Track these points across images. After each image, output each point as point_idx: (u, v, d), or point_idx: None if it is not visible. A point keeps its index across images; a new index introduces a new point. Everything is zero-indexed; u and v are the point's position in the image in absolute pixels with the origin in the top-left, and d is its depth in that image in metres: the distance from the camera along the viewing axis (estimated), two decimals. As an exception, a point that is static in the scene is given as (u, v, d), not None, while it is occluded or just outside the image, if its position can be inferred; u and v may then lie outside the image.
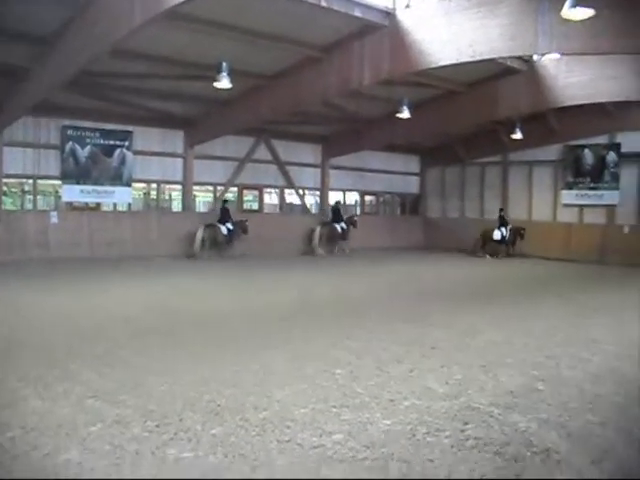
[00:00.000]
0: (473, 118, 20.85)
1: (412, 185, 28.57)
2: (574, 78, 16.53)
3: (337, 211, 23.46)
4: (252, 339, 8.52)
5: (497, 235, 22.96)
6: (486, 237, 23.13)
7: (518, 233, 22.93)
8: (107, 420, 5.17)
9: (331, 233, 22.83)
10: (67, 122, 18.57)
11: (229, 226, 20.33)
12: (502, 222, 23.12)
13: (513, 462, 4.53)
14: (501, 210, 23.75)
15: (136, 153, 19.68)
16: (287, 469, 4.35)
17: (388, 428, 5.17)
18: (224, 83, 14.84)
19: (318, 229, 22.54)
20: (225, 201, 21.19)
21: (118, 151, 19.33)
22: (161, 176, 20.79)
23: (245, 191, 23.72)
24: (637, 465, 4.53)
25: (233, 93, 17.44)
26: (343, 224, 23.16)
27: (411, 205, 28.82)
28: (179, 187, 21.76)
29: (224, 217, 20.46)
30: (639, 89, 15.94)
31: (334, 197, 25.99)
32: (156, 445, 4.69)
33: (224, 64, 14.60)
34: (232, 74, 14.88)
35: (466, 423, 5.32)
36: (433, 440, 4.93)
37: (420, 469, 4.39)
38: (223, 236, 20.16)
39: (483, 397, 6.06)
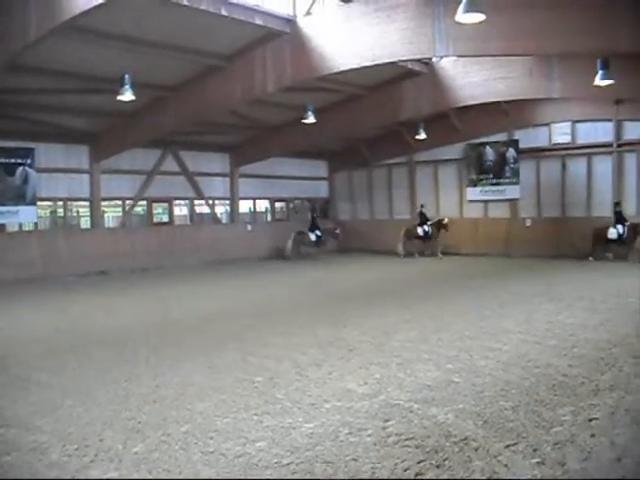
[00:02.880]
0: (377, 120, 21.22)
1: (321, 190, 28.80)
2: (470, 79, 17.18)
3: (422, 215, 23.42)
4: (167, 352, 8.40)
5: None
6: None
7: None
8: (23, 449, 5.01)
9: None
10: (-36, 141, 17.80)
11: (318, 233, 23.68)
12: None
13: (434, 453, 4.68)
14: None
15: (40, 170, 18.98)
16: (213, 481, 4.34)
17: (311, 431, 5.23)
18: (127, 96, 14.60)
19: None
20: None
21: (20, 169, 18.59)
22: (67, 193, 20.13)
23: (155, 204, 23.33)
24: (548, 446, 4.75)
25: (137, 105, 17.15)
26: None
27: (321, 209, 29.05)
28: (87, 203, 21.17)
29: (314, 225, 23.76)
30: (528, 88, 16.73)
31: (245, 205, 25.92)
32: (76, 469, 4.59)
33: (126, 77, 14.36)
34: (135, 86, 14.65)
35: (387, 420, 5.44)
36: (356, 439, 5.02)
37: (345, 469, 4.46)
38: (311, 241, 23.68)
39: (402, 393, 6.21)
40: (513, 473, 4.29)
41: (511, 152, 23.10)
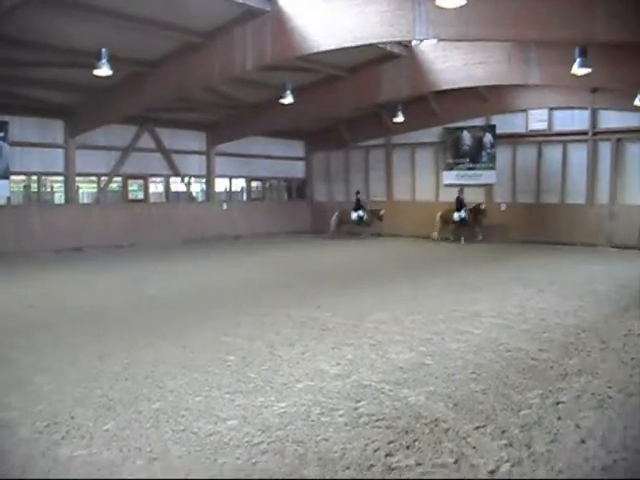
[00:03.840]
0: (356, 102, 21.18)
1: (298, 170, 28.73)
2: (450, 63, 17.16)
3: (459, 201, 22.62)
4: (140, 330, 8.38)
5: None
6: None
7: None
8: (-8, 424, 4.99)
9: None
10: None
11: (360, 213, 23.99)
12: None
13: (404, 434, 4.73)
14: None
15: (13, 144, 18.68)
16: (184, 459, 4.36)
17: (283, 411, 5.27)
18: (104, 70, 14.33)
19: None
20: (358, 192, 24.56)
21: (-7, 143, 18.34)
22: (41, 168, 19.86)
23: (130, 180, 23.12)
24: (516, 428, 4.84)
25: (114, 80, 16.89)
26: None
27: (297, 190, 29.02)
28: (61, 179, 20.91)
29: (357, 205, 24.08)
30: (506, 74, 16.80)
31: (221, 184, 25.81)
32: (47, 446, 4.57)
33: (104, 51, 14.11)
34: (112, 61, 14.40)
35: (358, 401, 5.49)
36: (327, 420, 5.06)
37: (316, 449, 4.50)
38: (352, 220, 24.13)
39: (374, 375, 6.27)
40: (481, 455, 4.37)
41: (488, 137, 23.23)
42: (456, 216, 22.22)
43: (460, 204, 22.27)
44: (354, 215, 24.00)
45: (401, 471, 4.15)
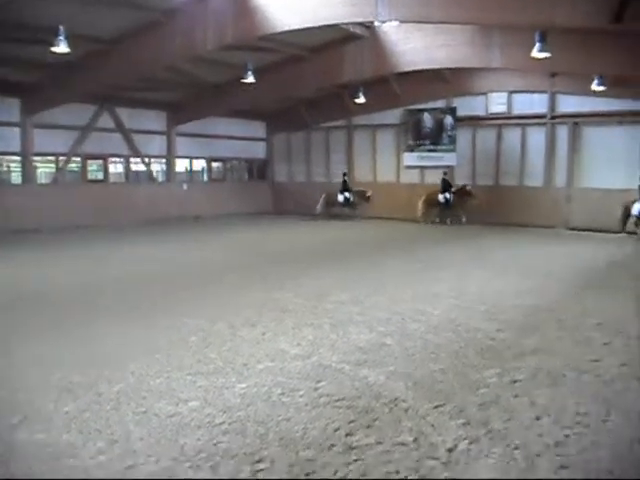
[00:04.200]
0: (317, 83, 21.08)
1: (259, 150, 28.57)
2: (412, 45, 17.22)
3: (445, 182, 22.34)
4: (101, 312, 8.29)
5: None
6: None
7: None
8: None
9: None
10: None
11: (346, 195, 23.77)
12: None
13: (364, 414, 4.79)
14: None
15: (-33, 123, 18.25)
16: (145, 441, 4.35)
17: (244, 392, 5.28)
18: (62, 48, 14.00)
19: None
20: (345, 174, 24.24)
21: (-54, 121, 17.82)
22: (-3, 147, 19.46)
23: (89, 161, 22.74)
24: (474, 407, 4.93)
25: (73, 58, 16.50)
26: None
27: (258, 170, 28.88)
28: (18, 158, 20.45)
29: (344, 187, 23.84)
30: (468, 57, 16.92)
31: (181, 164, 25.55)
32: (3, 429, 4.52)
33: (61, 27, 13.77)
34: (71, 38, 14.07)
35: (319, 381, 5.53)
36: (288, 400, 5.09)
37: (277, 429, 4.53)
38: (339, 202, 23.92)
39: (334, 355, 6.31)
40: (439, 433, 4.44)
41: (449, 119, 23.37)
42: (441, 197, 22.09)
43: (447, 185, 22.13)
44: (340, 197, 23.83)
45: (361, 450, 4.20)
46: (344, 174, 24.30)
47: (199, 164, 26.97)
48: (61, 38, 13.85)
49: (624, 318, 8.07)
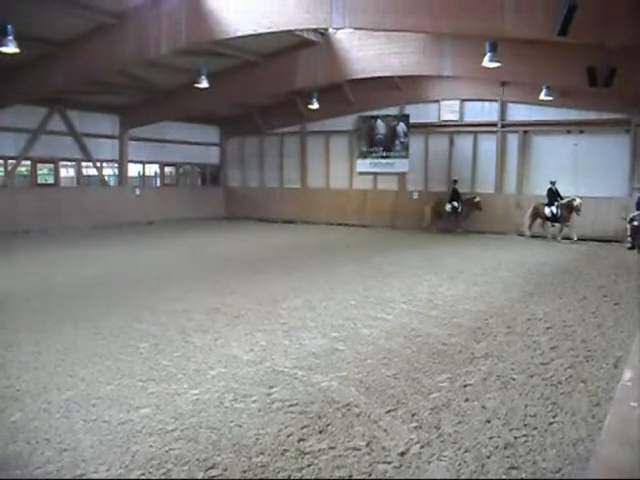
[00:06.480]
0: (271, 88, 21.08)
1: (212, 155, 28.42)
2: (365, 52, 17.40)
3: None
4: (50, 318, 8.13)
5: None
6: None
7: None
8: None
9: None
10: None
11: (454, 204, 21.62)
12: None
13: (317, 419, 4.80)
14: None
15: None
16: (95, 448, 4.28)
17: (196, 398, 5.25)
18: (10, 48, 13.67)
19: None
20: (455, 181, 21.85)
21: None
22: (-59, 150, 18.94)
23: (39, 164, 22.31)
24: (426, 411, 4.98)
25: (22, 59, 16.08)
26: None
27: (211, 176, 28.74)
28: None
29: (453, 196, 21.71)
30: (420, 65, 17.15)
31: (134, 169, 25.26)
32: (-53, 438, 4.40)
33: (9, 27, 13.47)
34: (20, 39, 13.78)
35: (272, 387, 5.52)
36: (241, 406, 5.08)
37: (230, 435, 4.51)
38: (447, 212, 21.73)
39: (287, 361, 6.32)
40: (392, 438, 4.48)
41: (402, 126, 23.61)
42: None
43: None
44: (448, 206, 21.82)
45: (314, 455, 4.21)
46: (454, 181, 22.03)
47: (152, 169, 26.70)
48: (10, 38, 13.54)
49: (571, 322, 8.26)
